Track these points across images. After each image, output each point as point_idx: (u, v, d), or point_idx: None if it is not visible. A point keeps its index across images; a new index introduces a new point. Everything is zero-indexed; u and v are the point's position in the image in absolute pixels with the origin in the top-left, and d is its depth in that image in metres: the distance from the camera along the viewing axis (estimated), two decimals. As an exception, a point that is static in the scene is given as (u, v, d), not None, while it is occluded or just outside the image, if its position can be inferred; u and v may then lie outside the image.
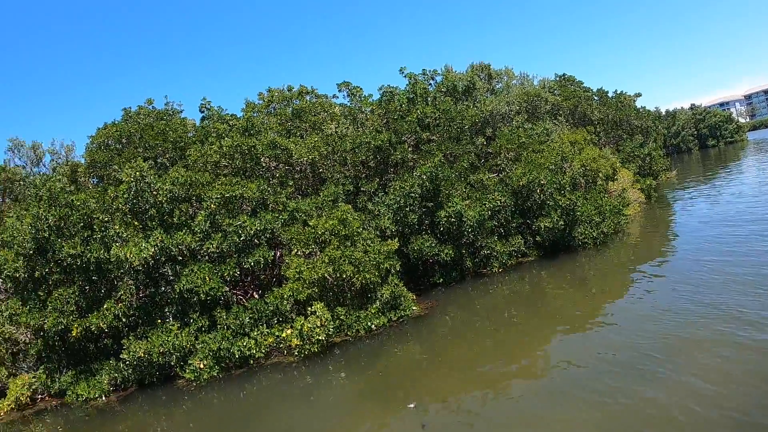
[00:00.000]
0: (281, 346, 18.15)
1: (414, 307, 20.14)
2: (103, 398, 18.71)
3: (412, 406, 12.41)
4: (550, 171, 25.79)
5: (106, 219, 18.92)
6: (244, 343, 17.79)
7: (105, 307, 18.24)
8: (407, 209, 22.17)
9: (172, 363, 18.14)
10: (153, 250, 17.68)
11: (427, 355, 16.66)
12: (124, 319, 18.41)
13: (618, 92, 62.42)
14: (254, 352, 17.81)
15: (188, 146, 23.59)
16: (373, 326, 18.91)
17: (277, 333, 17.98)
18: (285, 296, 18.04)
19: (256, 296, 19.62)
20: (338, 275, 18.30)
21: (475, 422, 11.26)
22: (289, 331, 17.77)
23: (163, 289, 18.86)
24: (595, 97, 58.49)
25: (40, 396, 20.65)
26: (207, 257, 18.63)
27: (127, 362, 18.25)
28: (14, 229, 20.03)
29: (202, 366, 17.60)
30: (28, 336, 21.08)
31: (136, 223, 18.99)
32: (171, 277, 18.75)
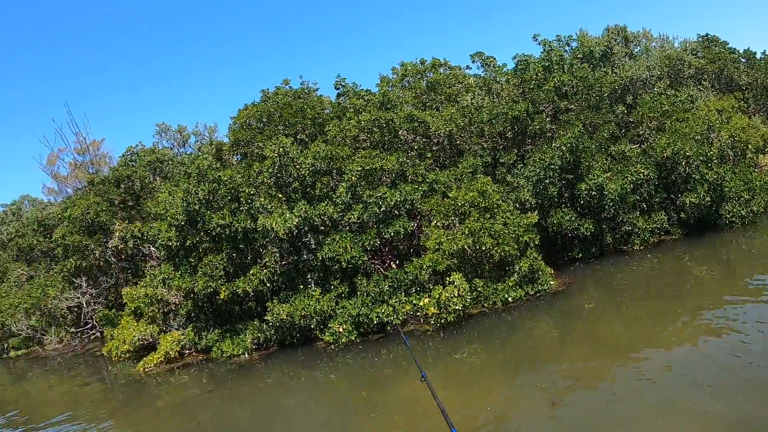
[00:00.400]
0: (418, 314, 18.34)
1: (551, 282, 19.59)
2: (246, 355, 19.95)
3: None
4: (696, 142, 24.01)
5: (251, 192, 19.91)
6: (382, 310, 18.15)
7: (251, 272, 19.21)
8: (547, 181, 21.51)
9: (312, 326, 18.90)
10: (297, 220, 18.35)
11: (563, 331, 16.16)
12: (268, 284, 19.33)
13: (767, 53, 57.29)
14: (392, 318, 18.13)
15: (326, 122, 24.13)
16: (509, 299, 18.66)
17: (414, 301, 18.19)
18: (424, 266, 18.15)
19: (394, 266, 19.87)
20: (477, 247, 18.13)
21: (608, 402, 10.68)
22: (426, 300, 17.88)
23: (305, 257, 19.58)
24: (743, 60, 53.89)
25: (187, 351, 22.37)
26: (348, 227, 19.09)
27: (270, 323, 19.24)
28: (167, 203, 21.60)
29: (341, 330, 18.24)
30: (179, 298, 22.61)
31: (280, 195, 19.76)
32: (313, 246, 19.40)
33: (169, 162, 31.64)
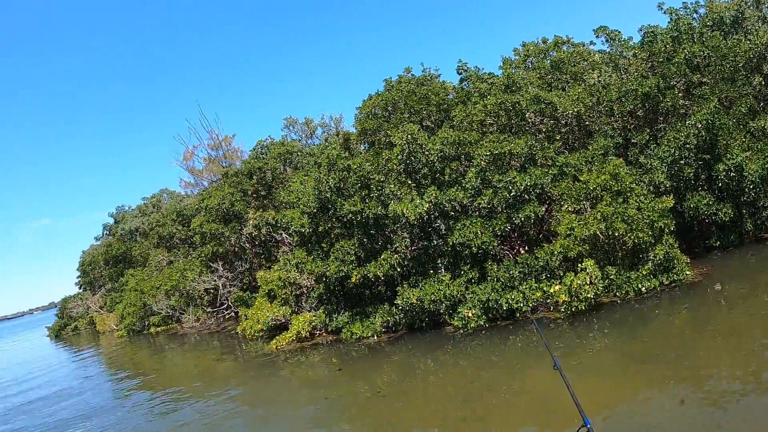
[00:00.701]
0: (548, 301, 18.12)
1: (688, 272, 18.37)
2: (375, 338, 20.74)
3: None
4: None
5: (381, 179, 20.44)
6: (512, 296, 18.10)
7: (382, 257, 19.80)
8: (682, 162, 20.49)
9: (441, 311, 19.22)
10: (427, 206, 18.65)
11: (699, 326, 15.19)
12: (398, 269, 19.88)
13: None
14: (521, 305, 18.07)
15: (451, 108, 24.22)
16: (643, 289, 17.84)
17: (545, 288, 17.97)
18: (555, 252, 17.93)
19: (523, 252, 19.79)
20: (610, 233, 17.63)
21: (732, 410, 9.81)
22: (557, 287, 17.65)
23: (435, 242, 19.91)
24: None
25: (318, 332, 23.58)
26: (477, 212, 19.17)
27: (400, 307, 19.79)
28: (299, 192, 22.61)
29: (470, 315, 18.40)
30: (311, 281, 23.70)
31: (409, 182, 20.15)
32: (443, 232, 19.68)
33: (298, 153, 33.16)
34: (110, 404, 22.00)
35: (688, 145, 20.49)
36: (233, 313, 33.89)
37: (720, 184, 21.01)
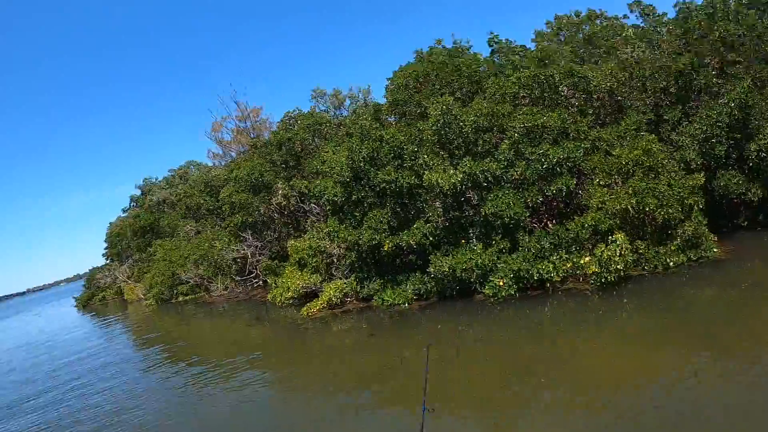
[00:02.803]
0: (578, 272, 18.46)
1: (715, 249, 18.71)
2: (406, 305, 21.06)
3: None
4: None
5: (414, 149, 20.78)
6: (543, 266, 18.50)
7: (415, 226, 20.24)
8: (714, 140, 20.63)
9: (472, 279, 19.53)
10: (461, 176, 19.00)
11: (724, 303, 15.50)
12: (431, 238, 20.31)
13: None
14: (552, 275, 18.46)
15: (482, 80, 24.43)
16: (671, 263, 18.22)
17: (575, 259, 18.34)
18: (586, 224, 18.24)
19: (550, 225, 20.08)
20: (641, 208, 17.90)
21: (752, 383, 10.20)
22: (588, 258, 18.04)
23: (467, 212, 20.27)
24: None
25: (349, 299, 23.93)
26: (510, 184, 19.49)
27: (432, 275, 20.20)
28: (332, 161, 22.90)
29: (501, 283, 18.80)
30: (341, 250, 24.11)
31: (442, 153, 20.46)
32: (475, 202, 20.03)
33: (327, 124, 33.36)
34: (138, 371, 22.39)
35: (720, 124, 20.62)
36: (262, 282, 34.46)
37: (751, 164, 21.10)
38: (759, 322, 13.40)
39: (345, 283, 23.94)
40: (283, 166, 32.87)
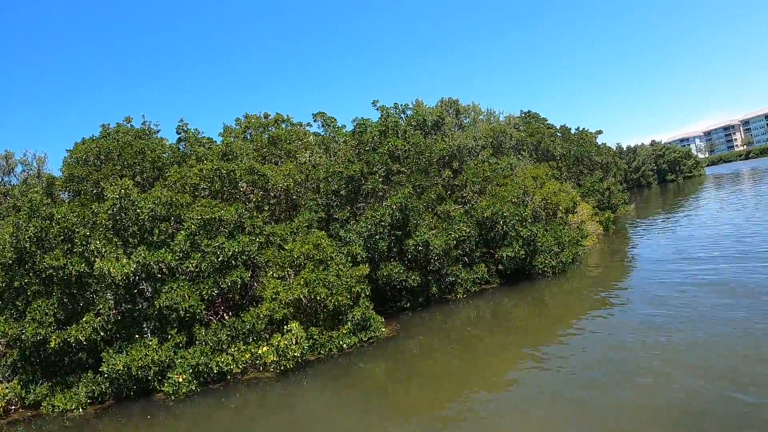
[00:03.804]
0: (258, 362, 18.97)
1: (383, 329, 21.20)
2: (80, 410, 18.79)
3: None
4: (512, 204, 27.29)
5: (87, 233, 19.34)
6: (222, 359, 18.56)
7: (84, 319, 18.63)
8: (377, 237, 23.33)
9: (150, 377, 18.61)
10: (135, 266, 18.35)
11: (397, 371, 17.92)
12: (102, 333, 18.81)
13: (580, 129, 65.26)
14: (232, 367, 18.62)
15: (165, 166, 24.32)
16: (344, 346, 19.94)
17: (253, 350, 18.82)
18: (262, 315, 18.90)
19: (227, 317, 20.29)
20: (312, 297, 19.30)
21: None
22: (265, 348, 18.67)
23: (141, 305, 19.48)
24: (558, 134, 60.90)
25: (13, 407, 20.67)
26: (185, 276, 19.38)
27: (105, 375, 18.60)
28: (-8, 238, 20.23)
29: (180, 380, 18.22)
30: (2, 346, 21.22)
31: (116, 239, 19.62)
32: (149, 294, 19.39)
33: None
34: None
35: (383, 223, 23.50)
36: None
37: (410, 256, 24.43)
38: (427, 380, 16.35)
39: (7, 387, 20.89)
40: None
